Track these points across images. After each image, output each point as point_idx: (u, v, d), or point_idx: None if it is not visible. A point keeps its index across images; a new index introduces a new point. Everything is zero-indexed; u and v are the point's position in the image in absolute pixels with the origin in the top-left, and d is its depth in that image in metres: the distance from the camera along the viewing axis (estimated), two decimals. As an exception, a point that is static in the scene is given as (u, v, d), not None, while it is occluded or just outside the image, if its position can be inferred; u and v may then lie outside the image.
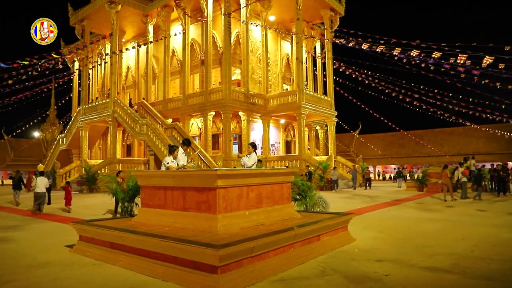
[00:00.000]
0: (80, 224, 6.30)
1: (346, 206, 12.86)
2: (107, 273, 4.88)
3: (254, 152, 7.86)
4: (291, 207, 6.86)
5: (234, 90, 24.55)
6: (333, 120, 28.17)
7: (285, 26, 29.72)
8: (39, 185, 12.56)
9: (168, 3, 27.03)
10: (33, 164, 39.26)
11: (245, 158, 7.76)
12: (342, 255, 5.68)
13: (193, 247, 4.27)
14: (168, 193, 5.94)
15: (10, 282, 4.56)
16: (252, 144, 8.05)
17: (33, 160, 43.25)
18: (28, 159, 44.87)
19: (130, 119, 25.75)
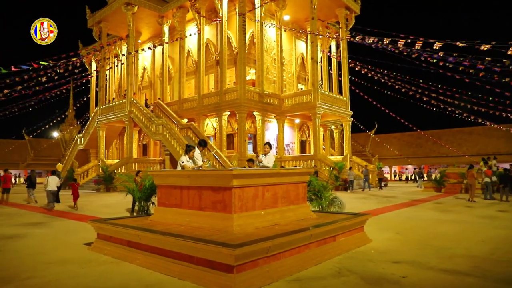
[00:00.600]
0: (98, 222, 6.40)
1: (361, 206, 12.73)
2: (124, 271, 4.94)
3: (270, 151, 7.83)
4: (307, 207, 6.82)
5: (248, 90, 24.58)
6: (348, 120, 27.92)
7: (299, 25, 29.60)
8: (51, 184, 13.30)
9: (183, 4, 27.24)
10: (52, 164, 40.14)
11: (263, 158, 7.71)
12: (358, 256, 5.61)
13: (209, 246, 4.28)
14: (184, 193, 5.98)
15: (31, 278, 4.66)
16: (268, 144, 8.01)
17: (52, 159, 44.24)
18: (48, 159, 45.92)
19: (146, 119, 26.04)
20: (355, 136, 39.83)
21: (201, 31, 26.80)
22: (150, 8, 28.24)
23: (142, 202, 8.94)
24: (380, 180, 23.89)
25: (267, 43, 27.25)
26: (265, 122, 25.99)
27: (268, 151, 7.80)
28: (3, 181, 16.87)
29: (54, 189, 13.31)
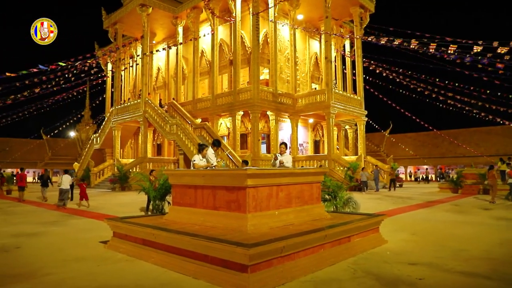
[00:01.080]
0: (114, 221, 6.49)
1: (376, 207, 12.59)
2: (139, 269, 5.00)
3: (286, 151, 7.80)
4: (321, 207, 6.78)
5: (262, 89, 24.57)
6: (363, 120, 27.66)
7: (313, 24, 29.46)
8: (64, 182, 13.82)
9: (197, 5, 27.40)
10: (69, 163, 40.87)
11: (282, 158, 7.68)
12: (373, 257, 5.55)
13: (223, 245, 4.29)
14: (198, 192, 6.01)
15: (50, 275, 4.76)
16: (284, 143, 7.97)
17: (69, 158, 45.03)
18: (65, 158, 46.76)
19: (161, 119, 26.29)
20: (370, 136, 39.43)
21: (215, 31, 26.91)
22: (164, 9, 28.49)
23: (157, 201, 9.03)
24: (392, 181, 23.30)
25: (280, 43, 27.20)
26: (279, 122, 25.95)
27: (284, 151, 7.77)
28: (19, 179, 17.70)
29: (67, 187, 13.88)
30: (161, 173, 9.79)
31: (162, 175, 9.55)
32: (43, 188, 16.80)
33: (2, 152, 44.58)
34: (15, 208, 14.05)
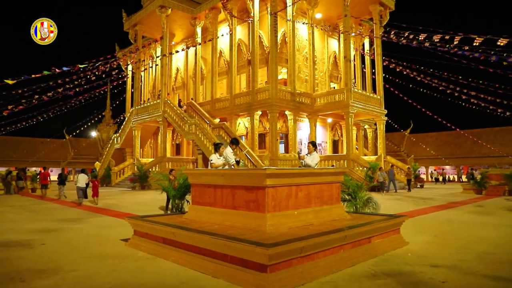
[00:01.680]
0: (135, 219, 6.58)
1: (396, 208, 12.39)
2: (160, 267, 5.06)
3: (315, 151, 7.74)
4: (341, 207, 6.72)
5: (280, 89, 24.52)
6: (382, 119, 27.25)
7: (332, 23, 29.21)
8: (80, 181, 14.60)
9: (215, 5, 27.55)
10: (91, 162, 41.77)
11: (307, 158, 7.64)
12: (394, 259, 5.46)
13: (243, 245, 4.30)
14: (217, 191, 6.04)
15: (74, 271, 4.87)
16: (312, 143, 7.89)
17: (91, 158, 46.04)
18: (86, 157, 47.84)
19: (180, 119, 26.55)
20: (390, 136, 38.81)
21: (233, 31, 26.99)
22: (183, 10, 28.76)
23: (176, 200, 9.12)
24: (409, 181, 22.69)
25: (298, 42, 27.08)
26: (297, 121, 25.84)
27: (312, 150, 7.71)
28: (42, 178, 18.71)
29: (83, 185, 14.56)
30: (180, 172, 9.89)
31: (181, 174, 9.64)
32: (61, 186, 17.59)
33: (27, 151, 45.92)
34: (39, 205, 14.45)
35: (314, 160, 7.55)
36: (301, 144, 26.80)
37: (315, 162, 7.54)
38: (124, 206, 13.79)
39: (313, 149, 7.74)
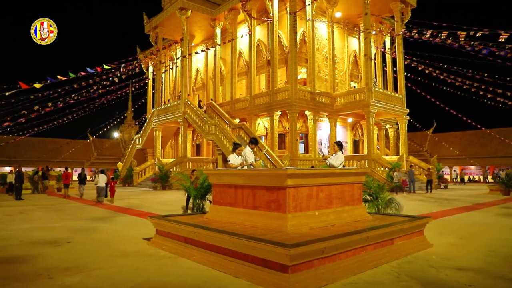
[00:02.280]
0: (157, 219, 6.68)
1: (419, 209, 12.14)
2: (182, 266, 5.12)
3: (340, 151, 7.68)
4: (362, 208, 6.63)
5: (300, 89, 24.42)
6: (404, 118, 26.78)
7: (352, 22, 28.90)
8: (100, 181, 15.40)
9: (234, 6, 27.67)
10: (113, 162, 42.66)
11: (331, 158, 7.59)
12: (418, 261, 5.35)
13: (264, 245, 4.30)
14: (238, 191, 6.07)
15: (99, 269, 4.99)
16: (338, 143, 7.82)
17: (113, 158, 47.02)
18: (109, 158, 48.89)
19: (200, 120, 26.79)
20: (412, 135, 38.10)
21: (252, 31, 27.05)
22: (203, 12, 29.02)
23: (197, 200, 9.20)
24: (429, 182, 21.99)
25: (318, 41, 26.91)
26: (317, 121, 25.68)
27: (338, 150, 7.66)
28: (64, 178, 19.65)
29: (103, 185, 15.36)
30: (201, 172, 9.98)
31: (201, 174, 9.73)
32: (80, 186, 18.54)
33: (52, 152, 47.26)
34: (64, 205, 14.85)
35: (338, 160, 7.47)
36: (321, 144, 26.63)
37: (338, 163, 7.45)
38: (146, 205, 14.02)
39: (338, 149, 7.66)
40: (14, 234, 7.77)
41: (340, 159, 7.49)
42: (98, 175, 15.87)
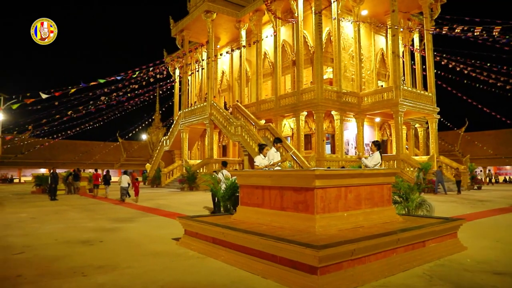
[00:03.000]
0: (185, 219, 6.78)
1: (452, 210, 11.76)
2: (210, 266, 5.17)
3: (377, 151, 7.54)
4: (392, 209, 6.49)
5: (326, 89, 24.19)
6: (434, 117, 26.02)
7: (379, 19, 28.35)
8: (123, 182, 16.47)
9: (259, 8, 27.73)
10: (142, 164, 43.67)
11: (367, 159, 7.46)
12: (451, 264, 5.18)
13: (292, 246, 4.28)
14: (265, 192, 6.07)
15: (130, 268, 5.11)
16: (375, 142, 7.64)
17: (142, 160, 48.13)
18: (138, 159, 50.05)
19: (226, 121, 27.00)
20: (442, 135, 36.96)
21: (277, 32, 27.02)
22: (228, 14, 29.24)
23: (224, 201, 9.27)
24: (459, 183, 21.06)
25: (344, 40, 26.57)
26: (344, 121, 25.35)
27: (375, 150, 7.53)
28: (94, 179, 20.90)
29: (125, 185, 16.42)
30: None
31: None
32: (106, 186, 19.67)
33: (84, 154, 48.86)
34: (95, 205, 15.31)
35: (373, 161, 7.32)
36: (348, 145, 26.27)
37: (373, 164, 7.29)
38: (174, 206, 14.25)
39: (376, 149, 7.49)
40: (50, 233, 8.09)
41: (376, 160, 7.31)
42: (121, 176, 16.82)
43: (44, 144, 38.37)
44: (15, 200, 18.49)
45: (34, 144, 39.99)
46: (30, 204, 16.03)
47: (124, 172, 17.63)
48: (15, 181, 49.18)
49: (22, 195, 22.38)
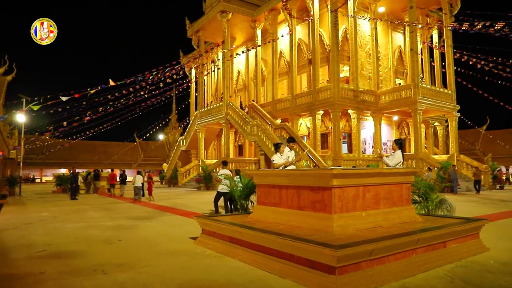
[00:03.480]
0: (203, 219, 6.82)
1: (473, 210, 11.50)
2: (228, 265, 5.18)
3: (399, 150, 7.42)
4: (411, 209, 6.37)
5: (342, 87, 23.97)
6: (454, 115, 25.48)
7: (396, 16, 27.91)
8: (137, 181, 16.90)
9: (275, 7, 27.68)
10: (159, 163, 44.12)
11: (388, 158, 7.38)
12: (474, 265, 5.06)
13: (310, 246, 4.25)
14: (282, 192, 6.05)
15: (148, 267, 5.16)
16: (396, 141, 7.54)
17: (159, 159, 48.66)
18: (155, 159, 50.63)
19: (242, 121, 27.04)
20: (463, 133, 36.14)
21: (293, 31, 26.92)
22: (243, 14, 29.29)
23: (241, 201, 9.29)
24: (478, 182, 20.39)
25: (361, 38, 26.27)
26: (361, 120, 25.08)
27: (396, 149, 7.44)
28: (110, 178, 21.45)
29: (139, 185, 16.93)
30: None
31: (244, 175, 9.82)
32: (122, 186, 20.35)
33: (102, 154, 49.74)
34: (113, 204, 15.56)
35: (394, 160, 7.20)
36: (365, 144, 25.97)
37: (394, 163, 7.18)
38: (191, 205, 14.36)
39: (398, 148, 7.39)
40: (71, 232, 8.26)
41: (397, 159, 7.20)
42: (135, 176, 17.29)
43: (64, 145, 39.21)
44: (37, 199, 18.96)
45: (54, 145, 40.89)
46: (51, 203, 16.41)
47: (138, 172, 18.14)
48: (36, 181, 50.45)
49: (43, 194, 22.95)
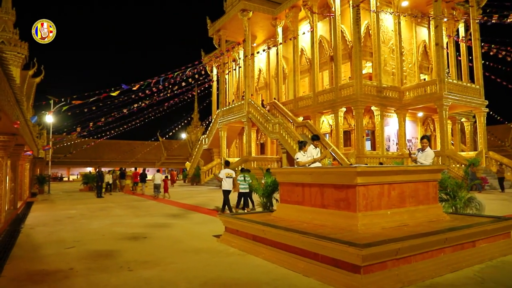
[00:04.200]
0: (226, 217, 6.86)
1: (503, 209, 11.12)
2: (251, 263, 5.19)
3: (428, 146, 7.25)
4: (438, 208, 6.22)
5: (365, 84, 23.60)
6: (482, 111, 24.67)
7: (420, 10, 27.20)
8: (157, 179, 17.91)
9: (295, 4, 27.49)
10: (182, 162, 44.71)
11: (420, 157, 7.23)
12: (505, 266, 4.89)
13: (334, 244, 4.21)
14: (306, 190, 6.01)
15: (173, 264, 5.25)
16: (426, 137, 7.40)
17: (182, 158, 49.27)
18: (178, 158, 51.30)
19: (263, 119, 27.02)
20: (491, 129, 34.95)
21: (314, 28, 26.68)
22: (264, 12, 29.22)
23: (264, 199, 9.31)
24: (502, 180, 19.56)
25: (383, 34, 25.77)
26: (384, 117, 24.63)
27: (426, 146, 7.28)
28: (134, 177, 22.59)
29: (159, 182, 17.89)
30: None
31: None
32: (142, 184, 21.53)
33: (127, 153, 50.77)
34: (138, 202, 15.86)
35: (428, 158, 7.03)
36: (389, 141, 25.50)
37: (429, 161, 7.01)
38: (213, 204, 14.47)
39: (427, 144, 7.23)
40: (98, 230, 8.47)
41: (430, 157, 7.02)
42: (154, 174, 18.31)
43: (90, 144, 40.19)
44: (65, 197, 19.57)
45: (81, 144, 42.00)
46: (79, 201, 16.89)
47: (157, 170, 19.34)
48: (64, 179, 52.02)
49: (70, 192, 23.65)
